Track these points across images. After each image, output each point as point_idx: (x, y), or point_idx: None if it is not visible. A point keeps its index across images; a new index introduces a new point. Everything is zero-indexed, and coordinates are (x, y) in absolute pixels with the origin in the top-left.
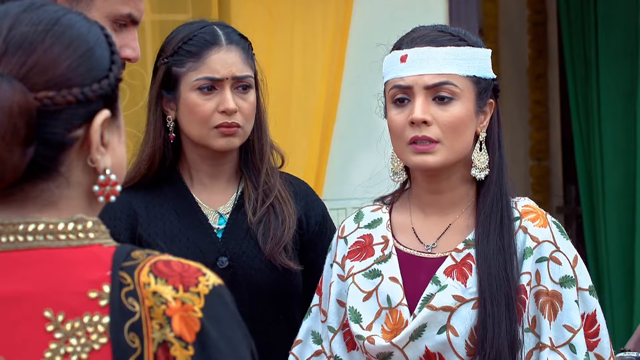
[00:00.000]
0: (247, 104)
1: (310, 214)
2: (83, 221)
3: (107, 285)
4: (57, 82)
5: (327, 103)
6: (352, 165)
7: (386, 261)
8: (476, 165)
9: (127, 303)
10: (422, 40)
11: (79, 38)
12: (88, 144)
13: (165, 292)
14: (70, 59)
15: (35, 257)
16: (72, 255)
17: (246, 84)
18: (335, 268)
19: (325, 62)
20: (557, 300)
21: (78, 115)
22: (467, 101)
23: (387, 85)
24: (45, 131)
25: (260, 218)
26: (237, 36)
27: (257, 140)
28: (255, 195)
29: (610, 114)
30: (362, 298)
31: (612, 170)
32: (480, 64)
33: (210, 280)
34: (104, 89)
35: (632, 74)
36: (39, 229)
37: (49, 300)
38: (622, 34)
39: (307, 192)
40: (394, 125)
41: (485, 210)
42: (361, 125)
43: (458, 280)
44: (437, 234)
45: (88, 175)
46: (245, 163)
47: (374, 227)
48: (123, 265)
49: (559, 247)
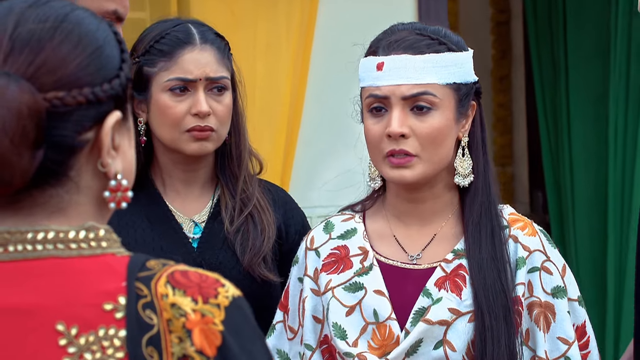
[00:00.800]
0: (222, 107)
1: (290, 222)
2: (95, 229)
3: (123, 296)
4: (67, 82)
5: (291, 106)
6: (317, 172)
7: (367, 273)
8: (459, 172)
9: (144, 315)
10: (399, 45)
11: (88, 35)
12: (98, 147)
13: (184, 303)
14: (80, 58)
15: (46, 267)
16: (84, 265)
17: (221, 85)
18: (307, 282)
19: (289, 62)
20: (550, 311)
21: (88, 117)
22: (446, 110)
23: (363, 91)
24: (55, 134)
25: (238, 227)
26: (213, 35)
27: (235, 146)
28: (232, 203)
29: (581, 117)
30: (345, 313)
31: (582, 176)
32: (461, 69)
33: (229, 291)
34: (115, 89)
35: (603, 76)
36: (49, 238)
37: (61, 312)
38: (593, 34)
39: (286, 200)
40: (370, 135)
41: (474, 219)
42: (327, 130)
43: (452, 292)
44: (421, 244)
45: (98, 180)
46: (221, 169)
47: (348, 238)
48: (139, 275)
49: (549, 257)
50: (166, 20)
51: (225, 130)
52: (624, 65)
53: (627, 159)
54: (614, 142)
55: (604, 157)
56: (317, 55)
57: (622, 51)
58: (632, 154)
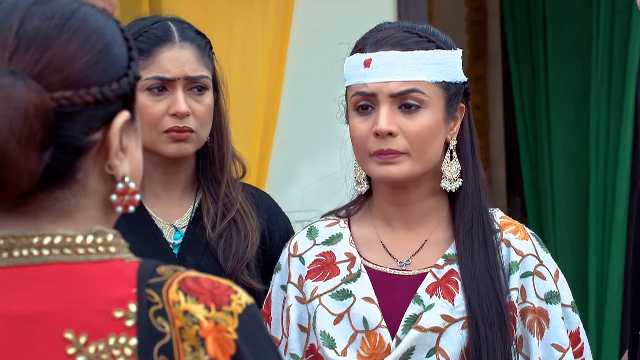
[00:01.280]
0: (202, 107)
1: (274, 228)
2: (103, 234)
3: (134, 303)
4: (74, 81)
5: (267, 107)
6: (294, 175)
7: (355, 280)
8: (446, 176)
9: (156, 323)
10: (387, 42)
11: (96, 33)
12: (106, 148)
13: (196, 311)
14: (88, 56)
15: (52, 273)
16: (93, 270)
17: (201, 84)
18: (292, 290)
19: (265, 62)
20: (544, 317)
21: (96, 117)
22: (435, 109)
23: (349, 90)
24: (62, 134)
25: (221, 233)
26: (193, 33)
27: (218, 148)
28: (214, 208)
29: (561, 118)
30: (333, 321)
31: (562, 179)
32: (451, 68)
33: (242, 298)
34: (124, 89)
35: (584, 76)
36: (56, 242)
37: (70, 320)
38: (574, 33)
39: (269, 205)
40: (356, 134)
41: (465, 226)
42: (304, 131)
43: (444, 298)
44: (410, 249)
45: (105, 183)
46: (203, 173)
47: (333, 244)
48: (149, 282)
49: (542, 261)
50: (145, 17)
51: (206, 132)
52: (606, 66)
53: (609, 162)
54: (596, 145)
55: (585, 160)
56: (293, 55)
57: (603, 51)
58: (614, 157)
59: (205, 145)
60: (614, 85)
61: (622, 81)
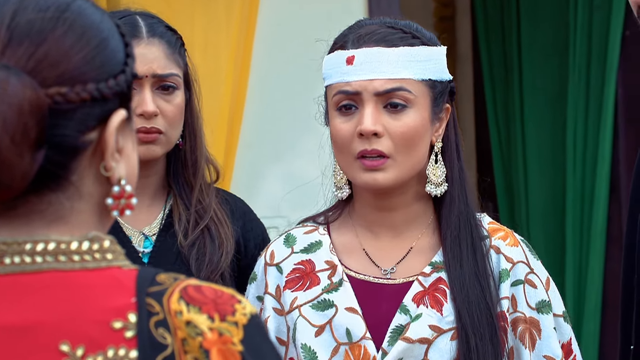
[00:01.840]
0: (172, 107)
1: (249, 236)
2: (99, 240)
3: (133, 313)
4: (70, 77)
5: (232, 106)
6: (259, 178)
7: (337, 290)
8: (431, 180)
9: (157, 334)
10: (370, 38)
11: (93, 27)
12: (102, 149)
13: (200, 321)
14: (84, 51)
15: (47, 281)
16: (89, 279)
17: (170, 83)
18: (269, 301)
19: (229, 59)
20: (535, 328)
21: (92, 116)
22: (421, 108)
23: (329, 89)
24: (56, 133)
25: (193, 241)
26: (163, 28)
27: (190, 151)
28: (186, 215)
29: (535, 119)
30: (314, 333)
31: (537, 184)
32: (437, 65)
33: (247, 308)
34: (121, 86)
35: (560, 75)
36: (49, 249)
37: (66, 330)
38: (550, 29)
39: (244, 211)
40: (338, 136)
41: (452, 232)
42: (270, 133)
43: (432, 308)
44: (395, 257)
45: (100, 185)
46: (174, 177)
47: (313, 252)
48: (149, 291)
49: (532, 269)
50: (114, 12)
51: (176, 133)
52: (584, 64)
53: (587, 166)
54: (573, 147)
55: (561, 163)
56: (259, 51)
57: (581, 49)
58: (592, 161)
59: (176, 147)
60: (592, 84)
61: (601, 80)
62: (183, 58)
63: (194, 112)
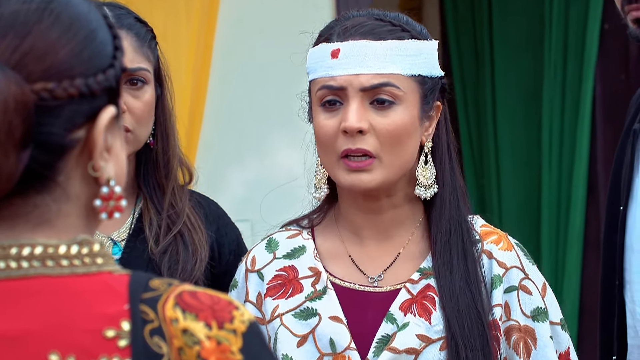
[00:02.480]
0: (140, 104)
1: (223, 241)
2: (88, 243)
3: (127, 321)
4: (57, 72)
5: (192, 103)
6: (220, 179)
7: (321, 298)
8: (421, 182)
9: (152, 343)
10: (357, 31)
11: (80, 18)
12: (89, 148)
13: (197, 329)
14: (72, 44)
15: (34, 288)
16: (79, 285)
17: (139, 78)
18: (249, 309)
19: (190, 54)
20: (530, 337)
21: (80, 113)
22: (410, 105)
23: (313, 84)
24: (43, 131)
25: (165, 248)
26: (132, 19)
27: (162, 152)
28: (158, 220)
29: (509, 117)
30: (296, 343)
31: (510, 185)
32: (427, 60)
33: (245, 315)
34: (110, 81)
35: (535, 70)
36: (36, 253)
37: (55, 340)
38: (523, 23)
39: (218, 215)
40: (322, 133)
41: (442, 236)
42: (232, 131)
43: (420, 316)
44: (382, 263)
45: (87, 186)
46: (145, 179)
47: (296, 257)
48: (143, 297)
49: (527, 274)
50: None
51: (145, 132)
52: (560, 59)
53: (564, 166)
54: (549, 147)
55: (536, 164)
56: (220, 46)
57: (557, 42)
58: (569, 161)
59: (147, 147)
60: (568, 79)
61: (578, 75)
62: (154, 52)
63: (166, 110)
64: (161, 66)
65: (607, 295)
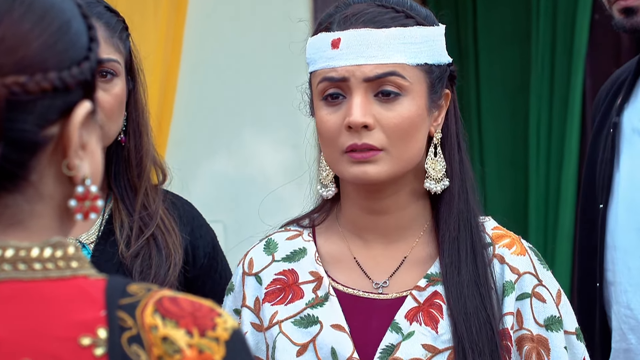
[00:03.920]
0: (110, 97)
1: (198, 243)
2: (62, 246)
3: (103, 328)
4: (29, 64)
5: (160, 100)
6: (189, 178)
7: (322, 305)
8: (430, 175)
9: (130, 352)
10: (358, 19)
11: (54, 8)
12: (64, 145)
13: (177, 337)
14: (45, 35)
15: (5, 293)
16: (53, 289)
17: (108, 70)
18: (247, 315)
19: (158, 47)
20: (544, 347)
21: (54, 108)
22: (417, 96)
23: (314, 76)
24: (13, 128)
25: (137, 251)
26: (102, 8)
27: (134, 150)
28: (129, 222)
29: (494, 113)
30: (296, 352)
31: (496, 185)
32: (433, 47)
33: (228, 322)
34: (85, 74)
35: (522, 64)
36: (7, 256)
37: (27, 348)
38: (509, 14)
39: (192, 216)
40: (325, 128)
41: (451, 234)
42: (203, 127)
43: (427, 325)
44: (387, 268)
45: (61, 186)
46: (115, 178)
47: (296, 260)
48: (120, 303)
49: (541, 281)
50: None
51: (115, 127)
52: (548, 51)
53: (552, 165)
54: (536, 145)
55: (522, 163)
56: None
57: (545, 34)
58: (558, 159)
59: (118, 144)
60: (557, 73)
61: (567, 69)
62: (125, 43)
63: (139, 105)
64: (133, 59)
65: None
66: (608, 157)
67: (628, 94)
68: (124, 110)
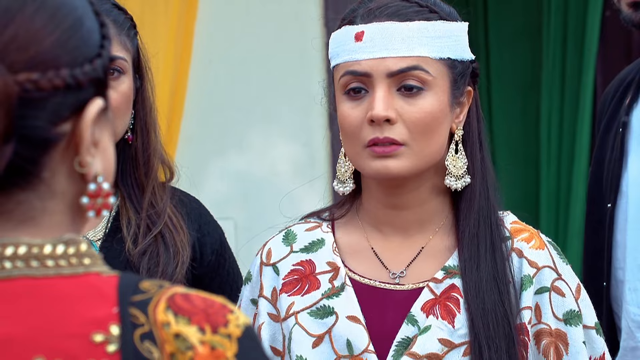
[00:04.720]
0: (117, 95)
1: (205, 240)
2: (75, 243)
3: (116, 325)
4: (42, 62)
5: (171, 96)
6: (201, 175)
7: (338, 295)
8: (451, 172)
9: (142, 348)
10: (382, 12)
11: (65, 5)
12: (76, 142)
13: (190, 334)
14: (57, 32)
15: (17, 290)
16: (65, 287)
17: (115, 67)
18: (263, 305)
19: (169, 42)
20: (562, 342)
21: (66, 105)
22: (440, 91)
23: (336, 70)
24: (26, 124)
25: (145, 249)
26: (109, 5)
27: (142, 148)
28: (137, 220)
29: (505, 110)
30: (312, 344)
31: (506, 183)
32: (457, 43)
33: (240, 319)
34: (97, 71)
35: (533, 61)
36: (20, 253)
37: (40, 345)
38: (520, 10)
39: (200, 213)
40: (347, 123)
41: (470, 229)
42: (214, 125)
43: (443, 319)
44: (405, 259)
45: (73, 183)
46: (123, 176)
47: (314, 251)
48: (132, 299)
49: (560, 275)
50: None
51: (121, 125)
52: (559, 49)
53: (563, 162)
54: (547, 142)
55: (534, 159)
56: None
57: (556, 31)
58: (569, 156)
59: (125, 143)
60: (568, 70)
61: (578, 66)
62: (133, 41)
63: (147, 104)
64: (141, 57)
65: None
66: (617, 156)
67: (637, 93)
68: (131, 108)
